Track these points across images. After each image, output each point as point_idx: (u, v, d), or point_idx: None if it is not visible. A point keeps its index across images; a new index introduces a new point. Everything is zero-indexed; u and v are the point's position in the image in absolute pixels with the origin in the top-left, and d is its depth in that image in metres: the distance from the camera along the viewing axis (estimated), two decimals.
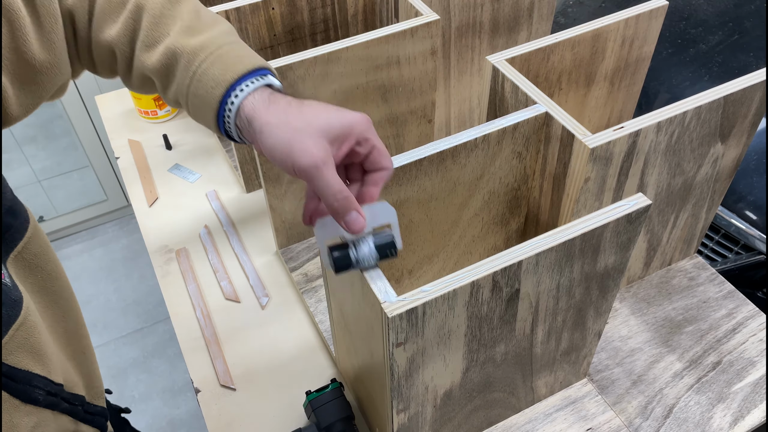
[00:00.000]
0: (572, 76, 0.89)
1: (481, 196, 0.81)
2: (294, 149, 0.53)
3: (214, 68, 0.57)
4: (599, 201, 0.79)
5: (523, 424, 0.85)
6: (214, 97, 0.57)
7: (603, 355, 0.92)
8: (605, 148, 0.71)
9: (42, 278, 0.63)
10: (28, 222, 0.62)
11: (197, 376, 0.94)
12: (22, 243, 0.61)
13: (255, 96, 0.56)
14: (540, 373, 0.81)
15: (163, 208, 1.20)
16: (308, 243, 1.09)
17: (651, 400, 0.87)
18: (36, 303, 0.63)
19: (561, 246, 0.61)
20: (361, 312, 0.66)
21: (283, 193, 0.99)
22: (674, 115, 0.73)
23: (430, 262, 0.86)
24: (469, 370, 0.70)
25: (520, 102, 0.79)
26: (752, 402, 0.86)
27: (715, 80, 1.52)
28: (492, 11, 1.07)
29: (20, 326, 0.56)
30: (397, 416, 0.68)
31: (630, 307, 0.98)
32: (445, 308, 0.58)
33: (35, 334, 0.58)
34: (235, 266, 1.09)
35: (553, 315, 0.71)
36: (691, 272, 1.02)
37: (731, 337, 0.93)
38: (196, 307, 1.03)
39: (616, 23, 0.86)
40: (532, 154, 0.80)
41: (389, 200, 0.72)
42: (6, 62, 0.54)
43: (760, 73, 0.78)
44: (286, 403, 0.90)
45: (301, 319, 1.00)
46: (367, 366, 0.73)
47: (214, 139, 1.33)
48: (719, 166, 0.87)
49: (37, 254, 0.63)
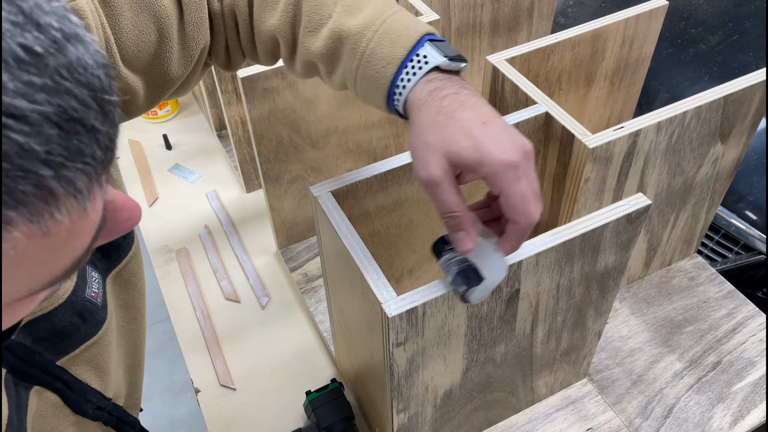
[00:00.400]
0: (572, 76, 0.89)
1: (481, 196, 0.81)
2: (418, 160, 0.51)
3: (382, 46, 0.54)
4: (599, 201, 0.79)
5: (523, 424, 0.85)
6: (386, 76, 0.54)
7: (603, 355, 0.92)
8: (605, 148, 0.71)
9: (132, 295, 0.64)
10: (132, 242, 0.63)
11: (197, 376, 0.94)
12: (124, 261, 0.61)
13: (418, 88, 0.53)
14: (540, 373, 0.81)
15: (163, 208, 1.20)
16: (308, 243, 1.09)
17: (651, 400, 0.87)
18: (119, 318, 0.63)
19: (561, 246, 0.61)
20: (361, 312, 0.66)
21: (283, 193, 0.99)
22: (674, 115, 0.73)
23: (430, 262, 0.86)
24: (469, 370, 0.70)
25: (520, 102, 0.79)
26: (752, 402, 0.86)
27: (715, 80, 1.52)
28: (492, 11, 1.07)
29: (93, 344, 0.57)
30: (397, 416, 0.68)
31: (630, 307, 0.98)
32: (445, 308, 0.58)
33: (104, 353, 0.58)
34: (235, 266, 1.09)
35: (553, 315, 0.71)
36: (691, 272, 1.02)
37: (731, 337, 0.93)
38: (196, 307, 1.03)
39: (616, 23, 0.86)
40: None
41: (389, 200, 0.72)
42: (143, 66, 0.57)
43: (760, 73, 0.78)
44: (286, 403, 0.90)
45: (301, 319, 1.00)
46: (367, 366, 0.73)
47: (214, 139, 1.33)
48: (719, 166, 0.87)
49: (133, 272, 0.64)
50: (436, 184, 0.50)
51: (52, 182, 0.25)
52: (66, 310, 0.53)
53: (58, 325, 0.52)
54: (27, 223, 0.25)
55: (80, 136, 0.26)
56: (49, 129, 0.25)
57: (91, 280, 0.56)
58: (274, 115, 0.89)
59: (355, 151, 1.00)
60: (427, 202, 0.77)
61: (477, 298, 0.55)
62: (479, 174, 0.50)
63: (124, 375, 0.67)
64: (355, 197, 0.69)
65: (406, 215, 0.76)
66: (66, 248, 0.29)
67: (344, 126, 0.95)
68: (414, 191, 0.74)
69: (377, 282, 0.58)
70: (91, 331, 0.56)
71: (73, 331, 0.54)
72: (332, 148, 0.97)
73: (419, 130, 0.52)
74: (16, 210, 0.24)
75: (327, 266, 0.75)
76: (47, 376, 0.53)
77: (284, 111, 0.89)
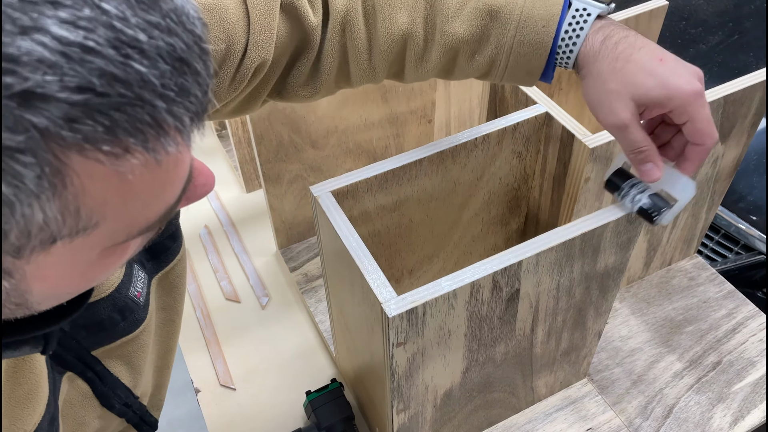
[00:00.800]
0: (572, 76, 0.89)
1: (481, 196, 0.81)
2: (602, 108, 0.54)
3: (537, 8, 0.55)
4: (599, 201, 0.79)
5: (523, 424, 0.85)
6: (548, 35, 0.55)
7: (603, 355, 0.92)
8: (605, 148, 0.71)
9: (174, 298, 0.65)
10: (180, 246, 0.63)
11: (197, 376, 0.94)
12: (172, 264, 0.62)
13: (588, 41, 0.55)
14: (540, 373, 0.81)
15: None
16: (308, 243, 1.09)
17: (651, 400, 0.87)
18: (158, 319, 0.64)
19: (561, 246, 0.61)
20: (361, 312, 0.66)
21: (283, 193, 0.99)
22: None
23: (430, 262, 0.86)
24: (469, 370, 0.70)
25: (520, 102, 0.79)
26: (752, 402, 0.86)
27: (715, 80, 1.52)
28: None
29: (130, 342, 0.57)
30: (397, 416, 0.68)
31: (630, 307, 0.98)
32: (445, 308, 0.58)
33: (139, 351, 0.59)
34: (235, 266, 1.09)
35: (553, 315, 0.71)
36: (691, 272, 1.02)
37: (731, 337, 0.93)
38: (196, 307, 1.03)
39: None
40: (532, 154, 0.80)
41: (389, 200, 0.72)
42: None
43: (760, 73, 0.78)
44: (286, 403, 0.90)
45: (301, 319, 1.00)
46: (367, 366, 0.73)
47: (215, 139, 1.33)
48: (719, 166, 0.87)
49: (178, 275, 0.64)
50: (625, 128, 0.54)
51: (165, 114, 0.27)
52: (107, 304, 0.53)
53: (97, 317, 0.52)
54: (143, 151, 0.26)
55: (186, 76, 0.28)
56: (163, 64, 0.26)
57: (137, 279, 0.56)
58: (274, 115, 0.89)
59: (355, 151, 1.00)
60: (427, 202, 0.77)
61: (668, 219, 0.59)
62: (666, 108, 0.53)
63: (152, 375, 0.68)
64: (355, 197, 0.69)
65: (406, 215, 0.76)
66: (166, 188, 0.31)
67: (344, 126, 0.95)
68: (414, 191, 0.74)
69: (377, 282, 0.58)
70: (130, 328, 0.56)
71: (111, 326, 0.54)
72: (332, 148, 0.97)
73: (600, 80, 0.54)
74: (135, 137, 0.26)
75: (327, 266, 0.75)
76: (80, 364, 0.53)
77: (284, 111, 0.89)
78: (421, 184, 0.74)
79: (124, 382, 0.59)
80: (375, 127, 0.98)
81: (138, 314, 0.56)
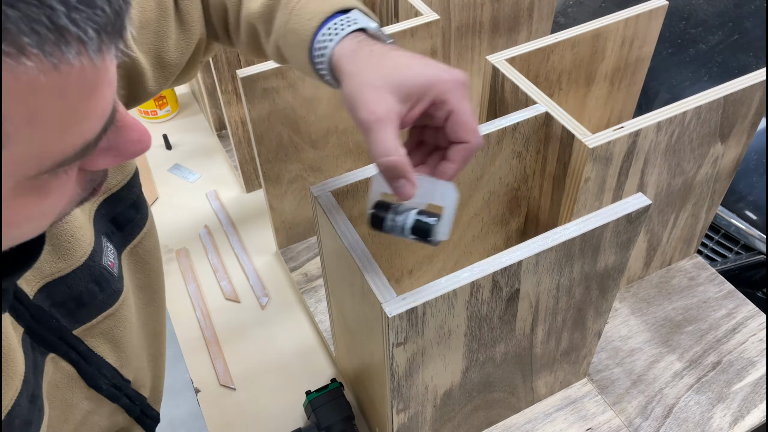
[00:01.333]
0: (572, 76, 0.89)
1: (481, 196, 0.81)
2: (357, 102, 0.50)
3: (314, 3, 0.56)
4: (599, 201, 0.79)
5: (523, 423, 0.85)
6: (309, 28, 0.54)
7: (603, 355, 0.92)
8: (605, 148, 0.71)
9: (147, 275, 0.64)
10: (146, 218, 0.63)
11: (197, 376, 0.94)
12: (138, 237, 0.62)
13: (344, 42, 0.53)
14: (540, 373, 0.81)
15: (163, 208, 1.20)
16: (308, 243, 1.09)
17: (651, 400, 0.87)
18: (138, 299, 0.63)
19: (561, 246, 0.61)
20: (361, 312, 0.66)
21: (283, 193, 0.99)
22: (674, 115, 0.73)
23: (430, 262, 0.86)
24: (469, 370, 0.70)
25: (520, 102, 0.79)
26: (752, 402, 0.86)
27: (715, 80, 1.52)
28: (492, 11, 1.07)
29: (110, 316, 0.57)
30: (397, 416, 0.68)
31: (630, 307, 0.98)
32: (445, 308, 0.58)
33: (121, 327, 0.59)
34: (235, 266, 1.09)
35: (553, 315, 0.71)
36: (691, 272, 1.02)
37: (731, 337, 0.93)
38: (196, 307, 1.03)
39: (616, 23, 0.86)
40: (532, 154, 0.80)
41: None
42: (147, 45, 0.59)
43: (760, 73, 0.78)
44: (286, 403, 0.90)
45: (301, 319, 1.00)
46: (367, 366, 0.73)
47: (214, 139, 1.33)
48: (719, 166, 0.87)
49: (148, 251, 0.63)
50: (377, 123, 0.49)
51: (65, 19, 0.26)
52: (83, 273, 0.53)
53: (75, 290, 0.52)
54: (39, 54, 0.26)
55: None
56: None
57: (107, 249, 0.56)
58: (274, 115, 0.89)
59: (355, 151, 1.00)
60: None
61: (444, 233, 0.54)
62: (427, 99, 0.50)
63: (148, 364, 0.67)
64: (355, 197, 0.69)
65: None
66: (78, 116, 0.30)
67: (344, 126, 0.95)
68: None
69: (377, 282, 0.58)
70: (108, 300, 0.56)
71: (90, 299, 0.54)
72: (332, 148, 0.97)
73: (356, 75, 0.51)
74: (30, 38, 0.25)
75: (327, 266, 0.75)
76: (63, 344, 0.53)
77: (284, 111, 0.89)
78: None
79: (109, 362, 0.59)
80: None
81: (114, 285, 0.56)
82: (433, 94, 0.50)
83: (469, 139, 0.51)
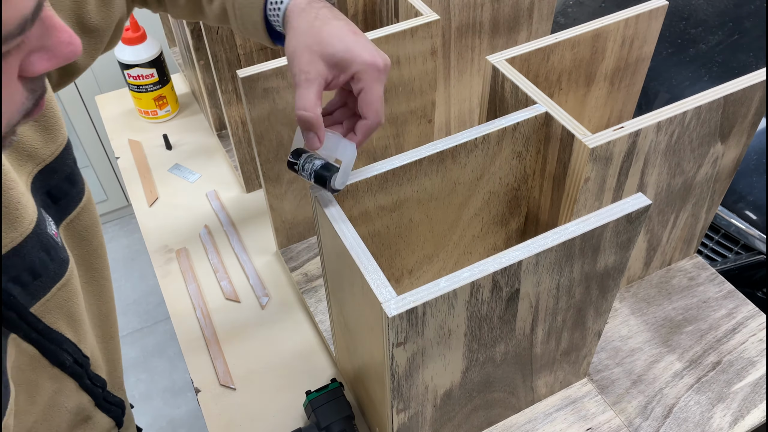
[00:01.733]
0: (572, 76, 0.89)
1: (481, 196, 0.81)
2: (295, 59, 0.59)
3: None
4: (599, 201, 0.79)
5: (523, 423, 0.85)
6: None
7: (603, 355, 0.92)
8: (605, 148, 0.71)
9: (87, 252, 0.64)
10: (83, 193, 0.63)
11: (197, 376, 0.94)
12: (74, 212, 0.62)
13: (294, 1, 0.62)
14: (540, 373, 0.81)
15: (163, 208, 1.20)
16: (308, 243, 1.09)
17: (651, 400, 0.87)
18: (81, 275, 0.64)
19: (561, 246, 0.61)
20: (361, 312, 0.66)
21: (283, 193, 0.99)
22: (674, 115, 0.73)
23: (430, 262, 0.86)
24: (469, 370, 0.70)
25: (520, 102, 0.79)
26: (752, 402, 0.86)
27: (715, 80, 1.52)
28: (492, 11, 1.07)
29: (62, 287, 0.57)
30: (397, 416, 0.68)
31: (630, 307, 0.98)
32: (445, 308, 0.58)
33: (74, 298, 0.59)
34: (235, 266, 1.09)
35: (553, 315, 0.71)
36: (691, 272, 1.02)
37: (731, 337, 0.93)
38: (196, 306, 1.03)
39: (616, 23, 0.86)
40: (532, 154, 0.80)
41: (389, 200, 0.73)
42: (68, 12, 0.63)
43: (760, 73, 0.78)
44: (286, 403, 0.90)
45: (301, 319, 1.00)
46: (367, 366, 0.73)
47: (214, 139, 1.33)
48: (719, 166, 0.87)
49: (86, 227, 0.64)
50: (304, 81, 0.58)
51: None
52: (34, 242, 0.53)
53: (27, 260, 0.53)
54: None
55: None
56: None
57: (47, 219, 0.57)
58: (274, 115, 0.89)
59: None
60: (427, 202, 0.77)
61: (341, 183, 0.63)
62: (348, 73, 0.59)
63: (99, 345, 0.67)
64: (355, 197, 0.69)
65: (406, 215, 0.76)
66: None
67: None
68: (414, 191, 0.74)
69: (377, 282, 0.58)
70: (59, 270, 0.56)
71: (43, 269, 0.54)
72: None
73: (299, 33, 0.60)
74: None
75: (327, 266, 0.75)
76: (23, 324, 0.53)
77: (284, 111, 0.89)
78: (421, 184, 0.74)
79: (68, 337, 0.59)
80: None
81: (61, 253, 0.57)
82: (353, 71, 0.59)
83: (370, 117, 0.61)
